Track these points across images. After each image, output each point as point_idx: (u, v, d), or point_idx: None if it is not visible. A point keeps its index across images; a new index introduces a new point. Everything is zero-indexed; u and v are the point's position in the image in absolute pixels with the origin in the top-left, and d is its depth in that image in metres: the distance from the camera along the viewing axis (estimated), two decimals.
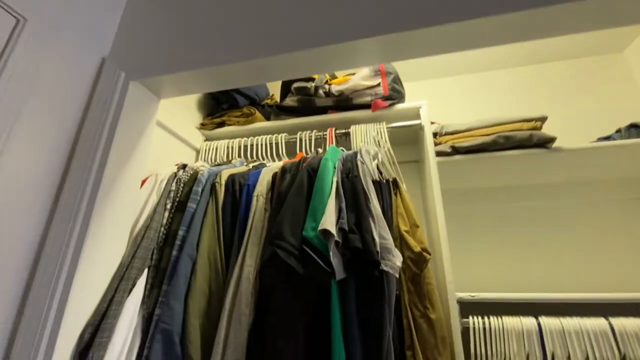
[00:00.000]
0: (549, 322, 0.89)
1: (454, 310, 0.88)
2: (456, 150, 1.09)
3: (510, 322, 0.91)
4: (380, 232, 0.76)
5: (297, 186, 0.83)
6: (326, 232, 0.69)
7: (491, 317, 0.93)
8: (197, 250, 0.85)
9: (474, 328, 0.92)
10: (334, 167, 0.88)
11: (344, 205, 0.77)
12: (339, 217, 0.76)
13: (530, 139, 1.02)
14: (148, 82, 0.89)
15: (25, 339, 0.62)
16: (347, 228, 0.74)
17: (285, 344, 0.72)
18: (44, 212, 0.71)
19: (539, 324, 0.91)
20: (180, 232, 0.87)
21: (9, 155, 0.65)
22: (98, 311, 0.72)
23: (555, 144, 1.04)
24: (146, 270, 0.83)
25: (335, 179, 0.83)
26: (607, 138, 1.13)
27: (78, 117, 0.80)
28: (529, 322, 0.92)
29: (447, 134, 1.15)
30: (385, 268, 0.73)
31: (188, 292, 0.80)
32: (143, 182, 0.98)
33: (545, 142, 1.03)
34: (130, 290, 0.78)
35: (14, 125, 0.65)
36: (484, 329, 0.92)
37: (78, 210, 0.72)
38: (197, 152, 1.32)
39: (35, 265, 0.68)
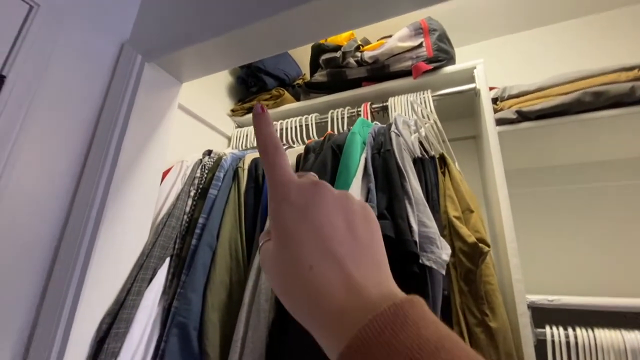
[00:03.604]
0: None
1: (524, 318, 0.69)
2: (523, 116, 0.86)
3: (607, 336, 0.69)
4: (419, 217, 0.61)
5: (318, 165, 0.72)
6: None
7: (577, 329, 0.72)
8: (217, 239, 0.80)
9: (553, 342, 0.71)
10: (364, 143, 0.74)
11: (372, 185, 0.64)
12: (367, 200, 0.63)
13: (632, 93, 0.75)
14: (166, 62, 0.85)
15: (45, 327, 0.62)
16: (376, 213, 0.60)
17: (307, 349, 0.62)
18: (65, 199, 0.71)
19: None
20: (201, 220, 0.82)
21: (26, 145, 0.65)
22: (117, 300, 0.70)
23: None
24: (168, 260, 0.80)
25: (363, 156, 0.70)
26: None
27: (97, 105, 0.79)
28: (633, 337, 0.69)
29: (510, 97, 0.92)
30: (426, 262, 0.58)
31: (207, 283, 0.75)
32: (169, 170, 0.95)
33: None
34: (151, 280, 0.75)
35: (27, 116, 0.65)
36: (568, 343, 0.71)
37: (94, 197, 0.70)
38: (229, 139, 1.28)
39: (57, 251, 0.68)
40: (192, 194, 0.90)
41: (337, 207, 0.21)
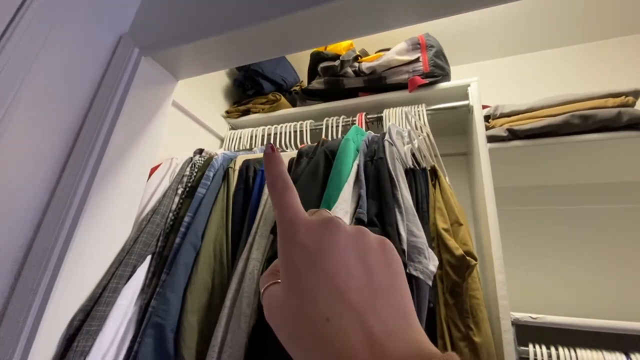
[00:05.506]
0: None
1: (508, 335, 0.68)
2: (514, 135, 0.88)
3: (589, 356, 0.69)
4: (409, 227, 0.61)
5: (310, 170, 0.71)
6: None
7: (560, 348, 0.72)
8: (202, 239, 0.78)
9: None
10: (357, 150, 0.74)
11: (364, 192, 0.64)
12: (357, 207, 0.63)
13: (618, 118, 0.78)
14: (163, 58, 0.84)
15: (10, 323, 0.58)
16: (366, 220, 0.60)
17: (287, 357, 0.60)
18: (46, 188, 0.68)
19: None
20: (186, 219, 0.80)
21: (10, 130, 0.62)
22: (92, 297, 0.67)
23: None
24: (149, 257, 0.77)
25: (356, 163, 0.70)
26: None
27: (89, 95, 0.78)
28: (614, 358, 0.69)
29: (502, 115, 0.94)
30: (414, 272, 0.58)
31: (188, 284, 0.72)
32: (158, 166, 0.94)
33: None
34: (129, 277, 0.72)
35: (13, 100, 0.63)
36: None
37: (77, 187, 0.67)
38: (222, 140, 1.27)
39: (32, 242, 0.65)
40: (179, 191, 0.88)
41: (351, 248, 0.20)
